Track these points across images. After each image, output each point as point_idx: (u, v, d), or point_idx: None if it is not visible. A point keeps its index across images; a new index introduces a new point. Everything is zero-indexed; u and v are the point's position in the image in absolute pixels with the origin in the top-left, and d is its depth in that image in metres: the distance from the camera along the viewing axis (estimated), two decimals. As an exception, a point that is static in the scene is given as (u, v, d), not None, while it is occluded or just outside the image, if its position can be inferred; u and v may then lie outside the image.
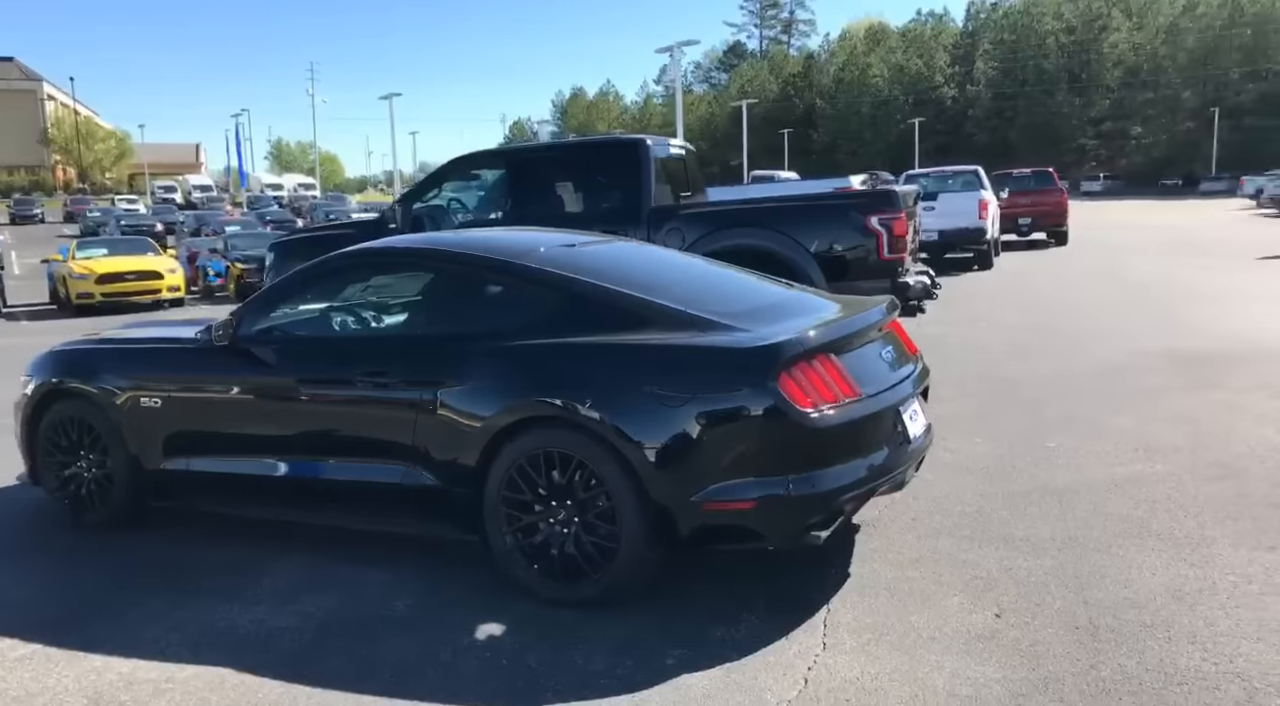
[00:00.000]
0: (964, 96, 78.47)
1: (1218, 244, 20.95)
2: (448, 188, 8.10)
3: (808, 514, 3.36)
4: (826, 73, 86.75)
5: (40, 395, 4.83)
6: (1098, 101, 73.19)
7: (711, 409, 3.35)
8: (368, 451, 4.02)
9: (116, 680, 3.27)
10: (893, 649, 3.18)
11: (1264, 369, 7.26)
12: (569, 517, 3.59)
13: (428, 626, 3.57)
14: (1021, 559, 3.87)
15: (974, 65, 79.00)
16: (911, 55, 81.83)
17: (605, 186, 7.56)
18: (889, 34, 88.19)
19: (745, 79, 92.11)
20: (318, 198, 63.09)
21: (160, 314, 17.68)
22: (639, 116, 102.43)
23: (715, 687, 3.00)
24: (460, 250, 4.25)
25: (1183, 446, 5.30)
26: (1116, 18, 74.69)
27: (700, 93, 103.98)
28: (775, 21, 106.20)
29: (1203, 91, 71.85)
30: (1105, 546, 3.94)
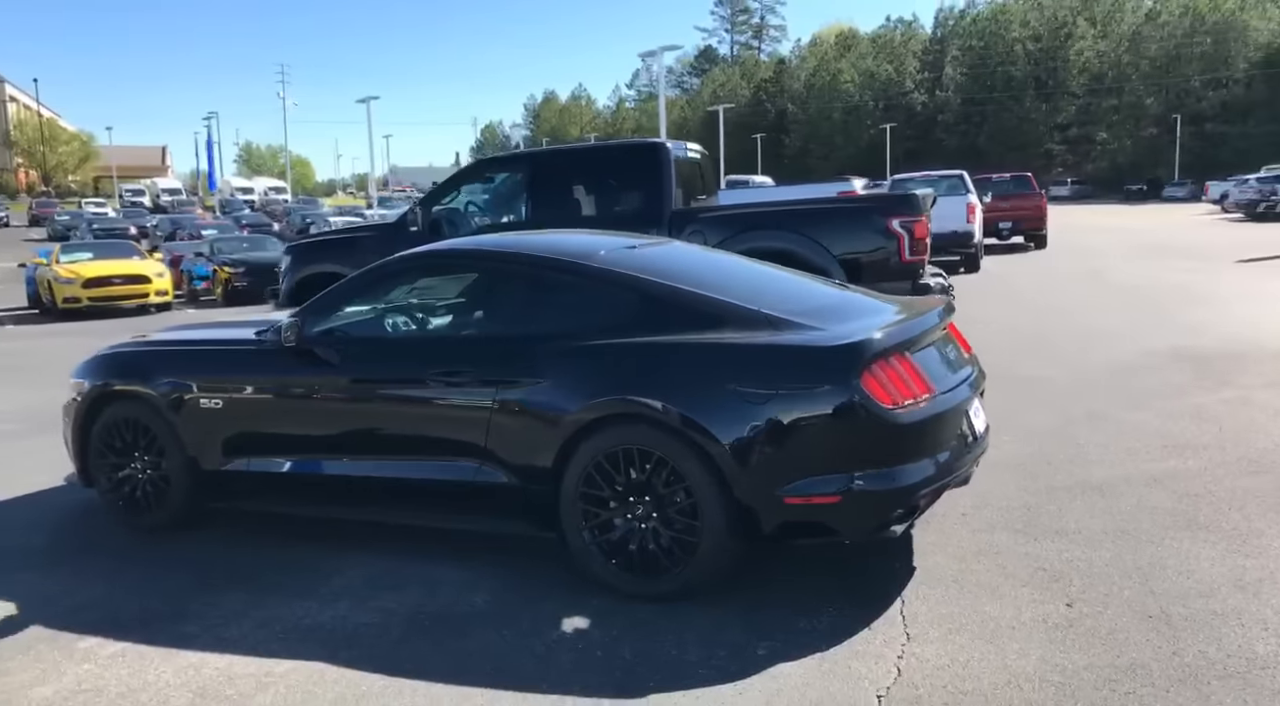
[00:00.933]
0: (934, 102, 79.39)
1: (1193, 247, 21.41)
2: (466, 191, 8.15)
3: (889, 508, 3.47)
4: (798, 78, 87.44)
5: (94, 398, 4.84)
6: (1064, 108, 74.35)
7: (796, 406, 3.45)
8: (439, 450, 4.08)
9: (216, 675, 3.31)
10: (975, 638, 3.29)
11: (1271, 367, 7.49)
12: (647, 513, 3.67)
13: (511, 621, 3.63)
14: (1079, 551, 4.00)
15: (943, 71, 79.95)
16: (882, 61, 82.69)
17: (626, 189, 7.65)
18: (859, 40, 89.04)
19: (717, 84, 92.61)
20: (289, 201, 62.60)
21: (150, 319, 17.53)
22: (612, 121, 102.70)
23: (811, 676, 3.09)
24: (532, 252, 4.32)
25: (1209, 443, 5.48)
26: (1081, 26, 75.93)
27: (672, 97, 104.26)
28: (746, 27, 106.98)
29: (1165, 98, 73.16)
30: (1157, 538, 4.08)
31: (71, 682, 3.31)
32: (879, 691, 2.98)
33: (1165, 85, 73.26)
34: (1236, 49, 72.32)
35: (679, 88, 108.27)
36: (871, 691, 2.98)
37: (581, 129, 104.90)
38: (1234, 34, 72.36)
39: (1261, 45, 72.09)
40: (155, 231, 35.35)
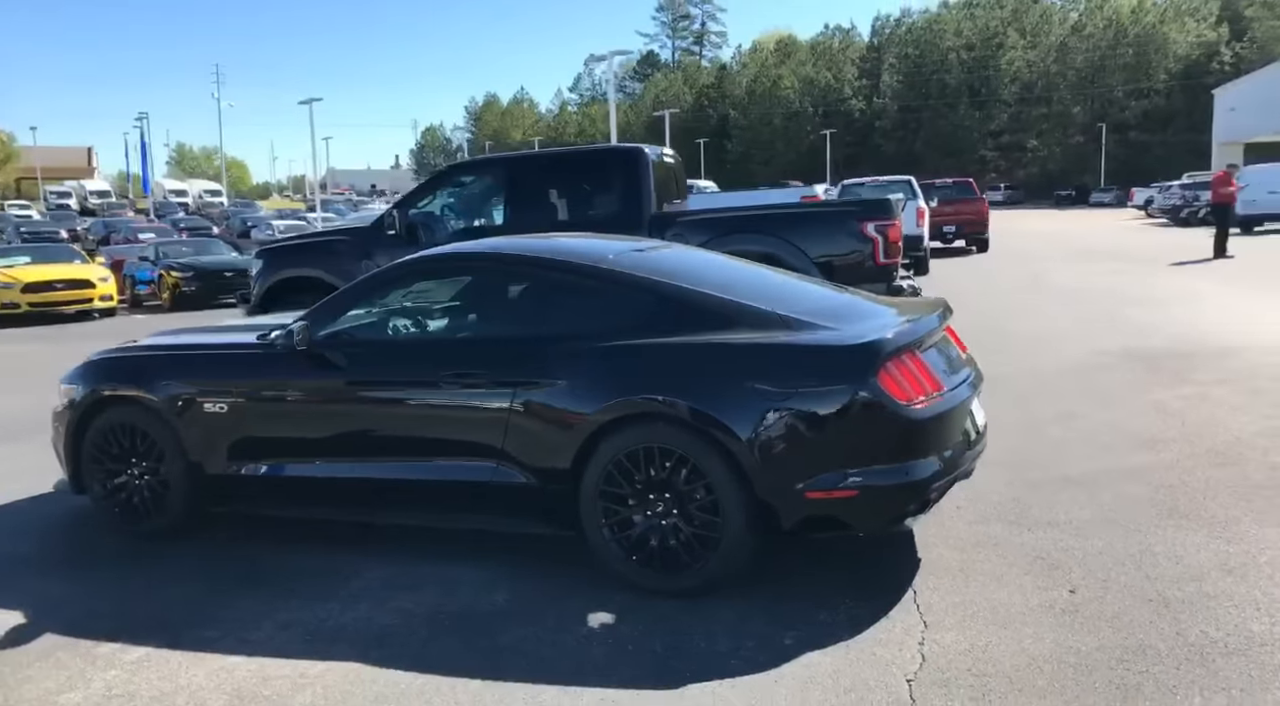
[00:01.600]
0: (871, 109, 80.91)
1: (1126, 250, 22.20)
2: (443, 195, 8.17)
3: (905, 501, 3.62)
4: (739, 84, 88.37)
5: (88, 403, 4.77)
6: (997, 115, 76.32)
7: (815, 403, 3.58)
8: (455, 451, 4.13)
9: (248, 677, 3.32)
10: (989, 624, 3.45)
11: (1219, 364, 7.86)
12: (668, 510, 3.77)
13: (535, 618, 3.70)
14: (1072, 540, 4.19)
15: (880, 79, 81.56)
16: (821, 68, 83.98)
17: (605, 193, 7.74)
18: (799, 47, 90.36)
19: (659, 89, 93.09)
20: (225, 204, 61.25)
21: (95, 326, 17.08)
22: (554, 124, 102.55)
23: (840, 664, 3.22)
24: (546, 255, 4.39)
25: (1175, 437, 5.76)
26: (1012, 36, 78.03)
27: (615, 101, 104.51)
28: (687, 33, 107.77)
29: (1091, 108, 75.62)
30: (1143, 527, 4.30)
31: (100, 688, 3.29)
32: (908, 676, 3.11)
33: (1091, 95, 75.73)
34: (1157, 61, 75.06)
35: (621, 92, 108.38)
36: (900, 676, 3.11)
37: (524, 132, 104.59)
38: (1154, 46, 75.09)
39: (1180, 57, 74.92)
40: (87, 235, 34.36)
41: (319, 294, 7.96)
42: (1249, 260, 18.06)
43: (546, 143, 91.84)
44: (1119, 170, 70.65)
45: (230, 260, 19.55)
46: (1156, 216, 40.89)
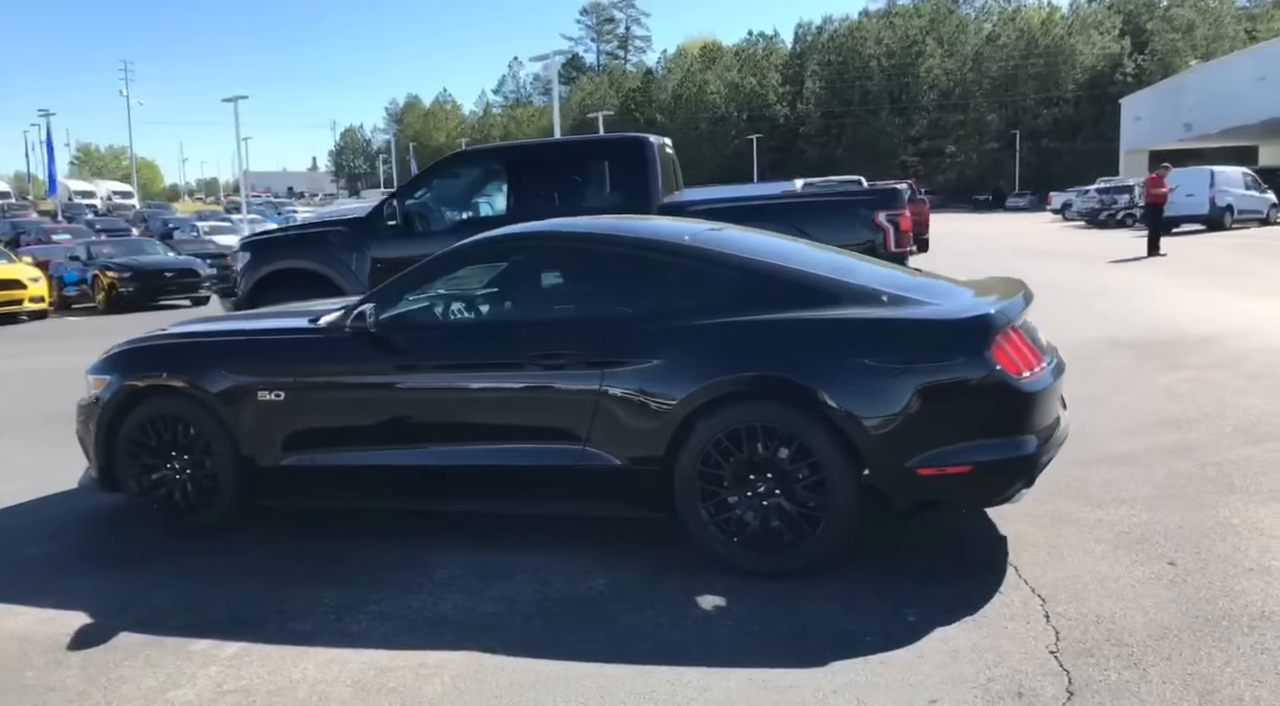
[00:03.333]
0: (795, 114, 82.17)
1: (1061, 250, 22.97)
2: (443, 184, 7.97)
3: (1017, 476, 3.62)
4: (665, 89, 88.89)
5: (125, 394, 4.50)
6: (917, 121, 78.29)
7: (928, 378, 3.56)
8: (538, 435, 4.01)
9: (365, 668, 3.16)
10: (1104, 596, 3.47)
11: (1203, 350, 8.15)
12: (770, 489, 3.71)
13: (644, 602, 3.60)
14: (1145, 515, 4.27)
15: (804, 85, 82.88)
16: (746, 74, 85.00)
17: (611, 183, 7.66)
18: (723, 53, 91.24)
19: (585, 92, 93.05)
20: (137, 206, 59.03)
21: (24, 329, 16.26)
22: (479, 126, 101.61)
23: (976, 639, 3.18)
24: (632, 234, 4.30)
25: (1197, 417, 5.93)
26: (930, 45, 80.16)
27: (540, 105, 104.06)
28: (612, 36, 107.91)
29: (1006, 115, 78.11)
30: (1209, 502, 4.40)
31: (209, 685, 3.09)
32: (1049, 648, 3.10)
33: (1005, 103, 78.24)
34: (1066, 71, 78.01)
35: (546, 95, 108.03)
36: (1042, 648, 3.11)
37: (448, 134, 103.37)
38: (1063, 57, 78.02)
39: (1087, 68, 78.02)
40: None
41: (310, 287, 7.75)
42: (1179, 257, 18.82)
43: (472, 145, 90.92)
44: (1032, 176, 73.16)
45: (170, 260, 18.84)
46: (1074, 219, 42.46)
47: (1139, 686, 2.83)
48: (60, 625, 3.59)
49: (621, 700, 2.91)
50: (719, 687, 2.95)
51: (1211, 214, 28.07)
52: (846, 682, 2.94)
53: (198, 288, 18.18)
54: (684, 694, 2.92)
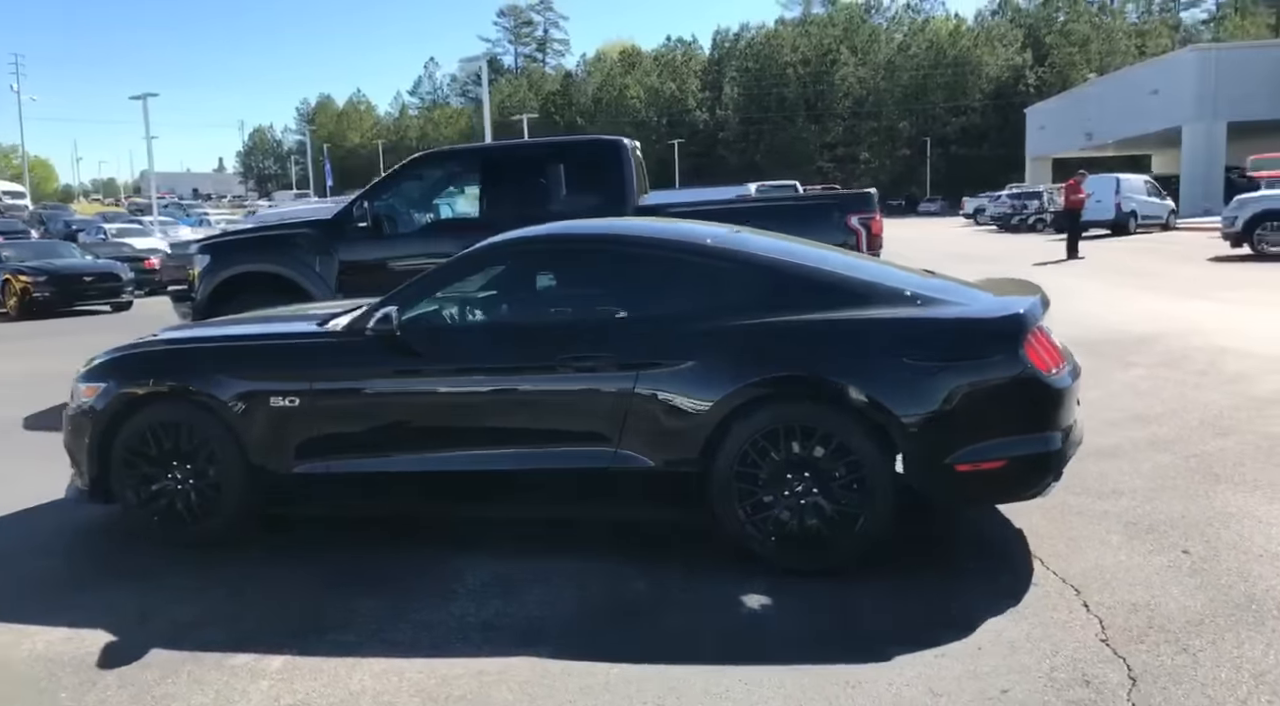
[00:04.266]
0: (715, 120, 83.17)
1: (984, 254, 23.71)
2: (413, 186, 7.83)
3: (1048, 470, 3.73)
4: (585, 92, 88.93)
5: (123, 402, 4.30)
6: (832, 128, 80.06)
7: (964, 376, 3.64)
8: (570, 438, 3.97)
9: (425, 677, 3.09)
10: (1135, 585, 3.59)
11: (1148, 349, 8.53)
12: (808, 488, 3.75)
13: (691, 603, 3.60)
14: (1147, 506, 4.44)
15: (722, 91, 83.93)
16: (665, 79, 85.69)
17: (586, 185, 7.62)
18: (643, 57, 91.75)
19: (505, 94, 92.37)
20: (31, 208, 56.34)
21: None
22: (395, 128, 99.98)
23: (1027, 629, 3.27)
24: (659, 236, 4.29)
25: (1163, 412, 6.21)
26: (844, 53, 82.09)
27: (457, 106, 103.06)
28: (530, 39, 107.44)
29: (917, 123, 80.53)
30: (1201, 492, 4.60)
31: (264, 701, 2.98)
32: (1099, 636, 3.21)
33: (916, 111, 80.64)
34: (972, 81, 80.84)
35: (464, 96, 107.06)
36: (1091, 635, 3.21)
37: (363, 135, 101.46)
38: (970, 68, 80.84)
39: (992, 79, 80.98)
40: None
41: (274, 292, 7.53)
42: (1095, 260, 19.64)
43: (389, 147, 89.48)
44: (942, 182, 75.57)
45: (89, 264, 18.04)
46: (986, 224, 43.91)
47: (1194, 671, 2.95)
48: (82, 643, 3.42)
49: (697, 700, 2.91)
50: (792, 684, 2.97)
51: (1117, 219, 29.36)
52: (916, 676, 2.99)
53: (119, 292, 17.45)
54: (759, 692, 2.94)
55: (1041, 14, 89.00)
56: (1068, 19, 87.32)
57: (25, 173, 78.10)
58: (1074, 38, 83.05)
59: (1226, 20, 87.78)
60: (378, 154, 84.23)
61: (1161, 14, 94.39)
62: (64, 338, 13.86)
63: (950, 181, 73.08)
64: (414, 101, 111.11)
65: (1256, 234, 17.99)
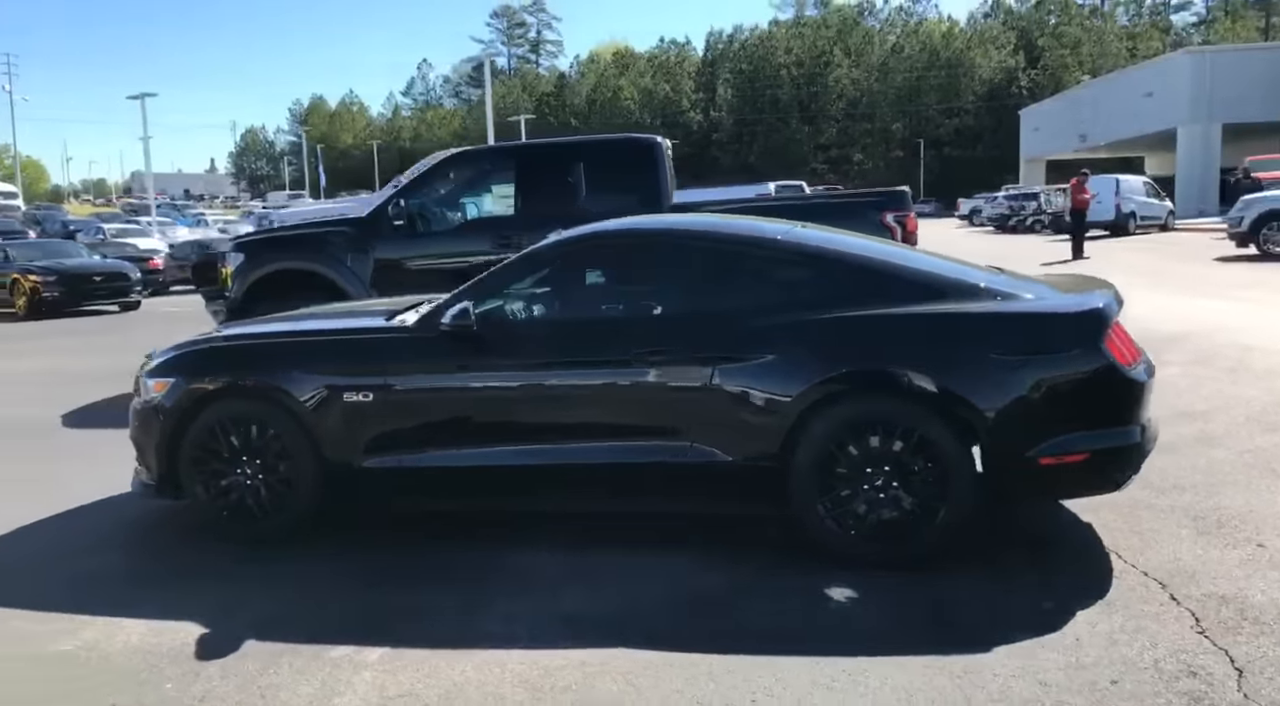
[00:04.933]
0: (709, 121, 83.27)
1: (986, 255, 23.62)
2: (448, 184, 7.83)
3: (1128, 464, 3.76)
4: (579, 94, 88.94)
5: (194, 397, 4.30)
6: (826, 130, 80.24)
7: (1049, 369, 3.66)
8: (645, 432, 3.98)
9: (527, 669, 3.10)
10: (1220, 578, 3.59)
11: (1178, 347, 8.56)
12: (888, 482, 3.77)
13: (775, 595, 3.61)
14: (1212, 500, 4.45)
15: (716, 92, 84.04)
16: (659, 80, 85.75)
17: (622, 184, 7.63)
18: (637, 59, 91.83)
19: (499, 96, 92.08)
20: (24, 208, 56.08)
21: None
22: (388, 128, 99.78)
23: (1122, 621, 3.27)
24: (740, 231, 4.32)
25: (1207, 408, 6.24)
26: (838, 55, 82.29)
27: (451, 108, 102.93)
28: (523, 40, 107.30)
29: (911, 124, 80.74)
30: (1263, 486, 4.62)
31: (370, 691, 2.98)
32: (1194, 628, 3.22)
33: (910, 112, 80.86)
34: (966, 83, 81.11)
35: (457, 97, 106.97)
36: (1187, 627, 3.22)
37: (355, 136, 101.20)
38: (963, 70, 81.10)
39: (985, 81, 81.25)
40: None
41: (310, 289, 7.53)
42: (1102, 260, 19.72)
43: (383, 147, 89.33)
44: (936, 183, 75.68)
45: (98, 264, 17.98)
46: (983, 225, 44.08)
47: (1297, 660, 2.98)
48: (174, 636, 3.41)
49: (804, 690, 2.92)
50: (898, 675, 2.98)
51: (1117, 220, 29.50)
52: (1021, 667, 3.00)
53: (128, 292, 17.39)
54: (866, 683, 2.95)
55: (1034, 16, 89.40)
56: (1059, 21, 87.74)
57: (18, 172, 77.71)
58: (1066, 40, 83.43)
59: (1216, 23, 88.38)
60: (372, 155, 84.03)
61: (1152, 17, 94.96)
62: (77, 337, 13.83)
63: (944, 183, 73.24)
64: (407, 102, 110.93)
65: (1263, 234, 18.08)
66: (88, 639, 3.44)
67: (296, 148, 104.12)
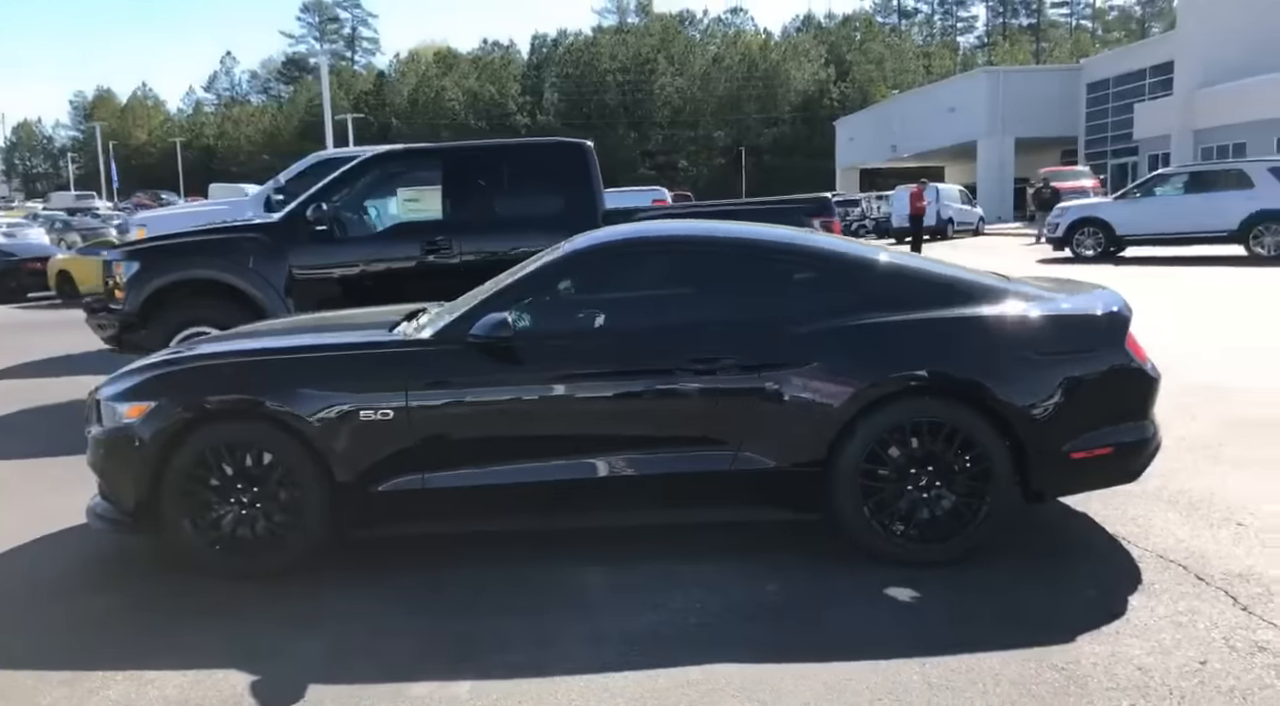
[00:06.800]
0: (536, 124, 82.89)
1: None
2: (370, 187, 7.42)
3: (1147, 456, 4.01)
4: (400, 93, 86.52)
5: (181, 422, 3.87)
6: (652, 136, 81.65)
7: (1078, 368, 3.86)
8: (690, 441, 3.91)
9: (636, 690, 2.98)
10: (1225, 557, 3.86)
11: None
12: (931, 482, 3.86)
13: (835, 600, 3.62)
14: (1176, 485, 4.75)
15: (543, 96, 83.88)
16: (485, 82, 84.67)
17: (554, 189, 7.46)
18: (460, 59, 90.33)
19: (313, 93, 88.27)
20: None
21: None
22: (189, 125, 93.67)
23: (1178, 605, 3.45)
24: (775, 239, 4.30)
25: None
26: (662, 63, 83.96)
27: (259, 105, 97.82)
28: (337, 36, 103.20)
29: (732, 133, 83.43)
30: (1209, 470, 4.95)
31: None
32: (1238, 605, 3.45)
33: (731, 121, 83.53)
34: (782, 94, 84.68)
35: (266, 93, 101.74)
36: (1229, 604, 3.45)
37: (151, 133, 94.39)
38: (779, 81, 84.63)
39: (800, 92, 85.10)
40: None
41: (215, 299, 6.97)
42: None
43: (186, 145, 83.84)
44: (756, 190, 78.30)
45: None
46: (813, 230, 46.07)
47: (1339, 629, 3.26)
48: (218, 687, 3.06)
49: (925, 693, 2.93)
50: (1007, 670, 3.04)
51: (938, 225, 31.55)
52: (1111, 653, 3.14)
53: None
54: (981, 681, 2.99)
55: (841, 32, 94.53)
56: (864, 38, 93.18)
57: None
58: (871, 56, 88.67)
59: (996, 46, 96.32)
60: (174, 153, 78.55)
61: (943, 37, 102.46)
62: None
63: (765, 190, 75.79)
64: (209, 98, 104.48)
65: (1075, 239, 19.82)
66: (116, 697, 3.03)
67: (80, 144, 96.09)
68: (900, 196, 30.09)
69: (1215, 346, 8.90)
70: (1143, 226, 18.95)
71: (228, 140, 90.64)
